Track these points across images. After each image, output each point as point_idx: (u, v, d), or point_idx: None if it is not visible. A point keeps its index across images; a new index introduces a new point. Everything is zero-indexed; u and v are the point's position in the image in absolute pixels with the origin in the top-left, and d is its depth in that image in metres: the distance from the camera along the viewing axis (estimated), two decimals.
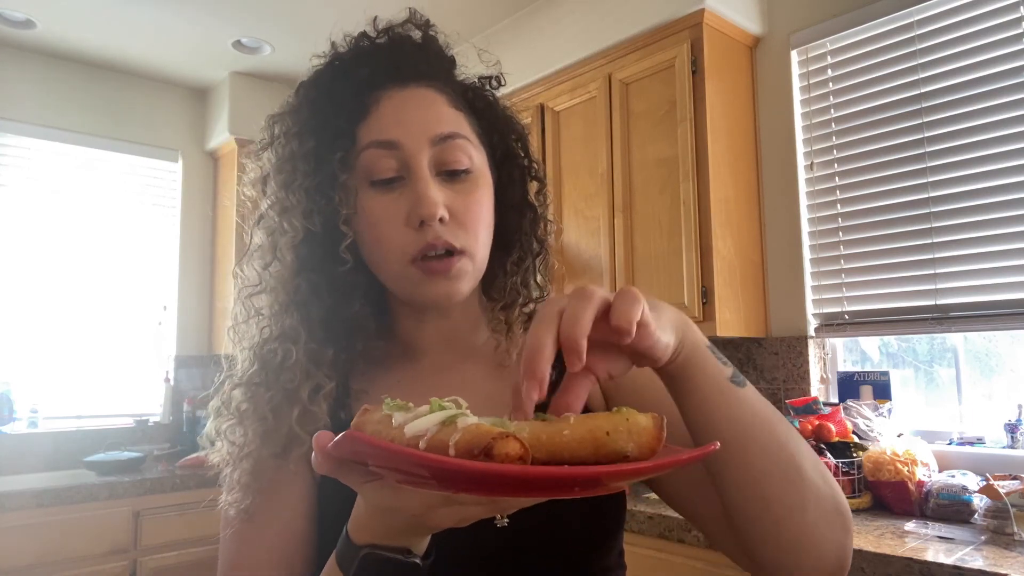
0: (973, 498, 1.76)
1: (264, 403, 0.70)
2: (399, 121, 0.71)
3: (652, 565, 1.89)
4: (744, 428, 0.58)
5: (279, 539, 0.70)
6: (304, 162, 0.72)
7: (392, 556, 0.52)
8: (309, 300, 0.72)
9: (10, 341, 3.17)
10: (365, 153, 0.71)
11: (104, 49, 3.31)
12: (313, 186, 0.71)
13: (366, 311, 0.76)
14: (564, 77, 2.68)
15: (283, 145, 0.74)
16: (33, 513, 2.50)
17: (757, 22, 2.46)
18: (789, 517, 0.59)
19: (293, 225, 0.71)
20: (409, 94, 0.73)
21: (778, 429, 0.60)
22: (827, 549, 0.60)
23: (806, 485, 0.59)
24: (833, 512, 0.60)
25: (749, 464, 0.58)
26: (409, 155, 0.70)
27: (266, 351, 0.72)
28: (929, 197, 2.09)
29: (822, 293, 2.32)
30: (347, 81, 0.74)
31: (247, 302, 0.75)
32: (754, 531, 0.60)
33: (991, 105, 1.99)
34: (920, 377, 2.24)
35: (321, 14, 2.96)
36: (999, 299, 1.95)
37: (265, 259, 0.74)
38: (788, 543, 0.59)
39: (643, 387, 0.73)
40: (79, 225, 3.38)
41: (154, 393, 3.53)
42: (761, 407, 0.60)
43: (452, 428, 0.42)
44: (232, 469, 0.72)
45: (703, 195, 2.24)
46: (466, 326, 0.79)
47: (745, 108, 2.45)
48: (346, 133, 0.72)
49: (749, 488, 0.59)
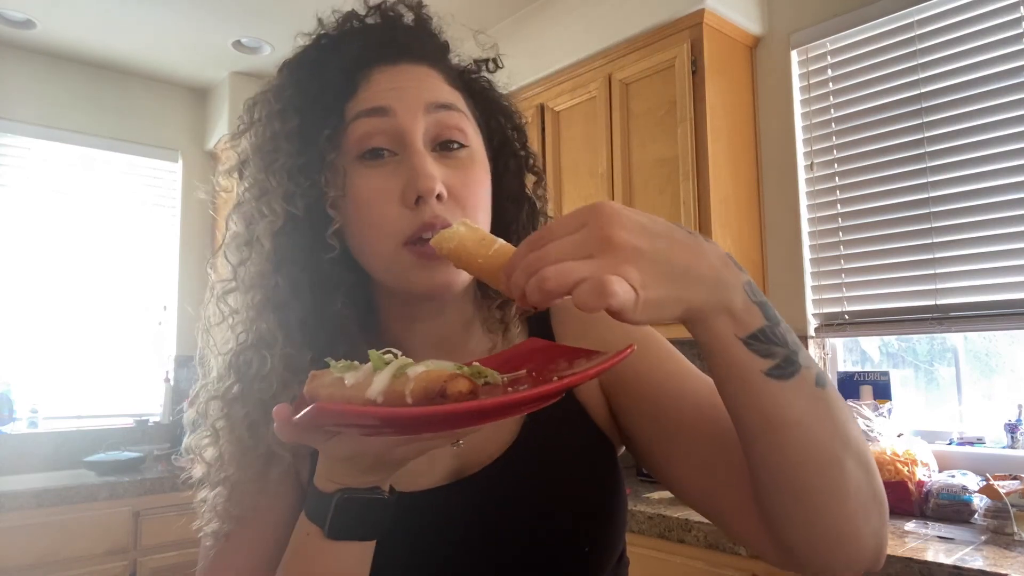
0: (973, 498, 1.76)
1: (240, 421, 0.66)
2: (391, 90, 0.66)
3: (652, 565, 1.89)
4: (775, 422, 0.52)
5: (256, 566, 0.67)
6: (287, 141, 0.66)
7: (363, 495, 0.55)
8: (287, 298, 0.66)
9: (10, 341, 3.17)
10: (354, 124, 0.65)
11: (104, 49, 3.31)
12: (296, 167, 0.65)
13: (349, 310, 0.70)
14: (564, 77, 2.68)
15: (264, 125, 0.68)
16: (33, 513, 2.50)
17: (757, 22, 2.46)
18: (826, 507, 0.54)
19: (272, 209, 0.65)
20: (402, 68, 0.68)
21: (822, 424, 0.52)
22: (866, 540, 0.55)
23: (846, 476, 0.53)
24: (872, 502, 0.55)
25: (783, 454, 0.53)
26: (402, 123, 0.64)
27: (241, 361, 0.67)
28: (929, 197, 2.09)
29: (822, 293, 2.32)
30: (336, 57, 0.69)
31: (221, 300, 0.69)
32: (788, 520, 0.56)
33: (991, 105, 1.99)
34: (920, 377, 2.24)
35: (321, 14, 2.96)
36: (999, 299, 1.95)
37: (241, 251, 0.68)
38: (825, 533, 0.55)
39: (644, 374, 0.69)
40: (79, 225, 3.38)
41: (154, 393, 3.53)
42: (804, 402, 0.52)
43: (404, 378, 0.45)
44: (209, 492, 0.68)
45: (703, 195, 2.24)
46: (459, 326, 0.73)
47: (745, 108, 2.45)
48: (333, 110, 0.66)
49: (783, 476, 0.54)
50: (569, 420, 0.72)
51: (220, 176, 0.75)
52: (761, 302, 0.52)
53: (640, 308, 0.45)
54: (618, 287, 0.43)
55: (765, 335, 0.51)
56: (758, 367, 0.51)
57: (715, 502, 0.64)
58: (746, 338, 0.50)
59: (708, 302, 0.49)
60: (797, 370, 0.52)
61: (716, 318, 0.50)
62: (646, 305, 0.45)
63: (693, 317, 0.49)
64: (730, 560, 1.74)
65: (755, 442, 0.54)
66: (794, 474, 0.53)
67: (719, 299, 0.49)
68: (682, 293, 0.47)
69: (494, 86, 0.78)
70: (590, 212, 0.47)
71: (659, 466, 0.70)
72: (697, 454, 0.65)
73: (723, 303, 0.49)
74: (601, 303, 0.43)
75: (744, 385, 0.51)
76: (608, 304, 0.43)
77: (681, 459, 0.66)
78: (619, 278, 0.44)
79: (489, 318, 0.75)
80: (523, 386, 0.51)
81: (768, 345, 0.51)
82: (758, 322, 0.51)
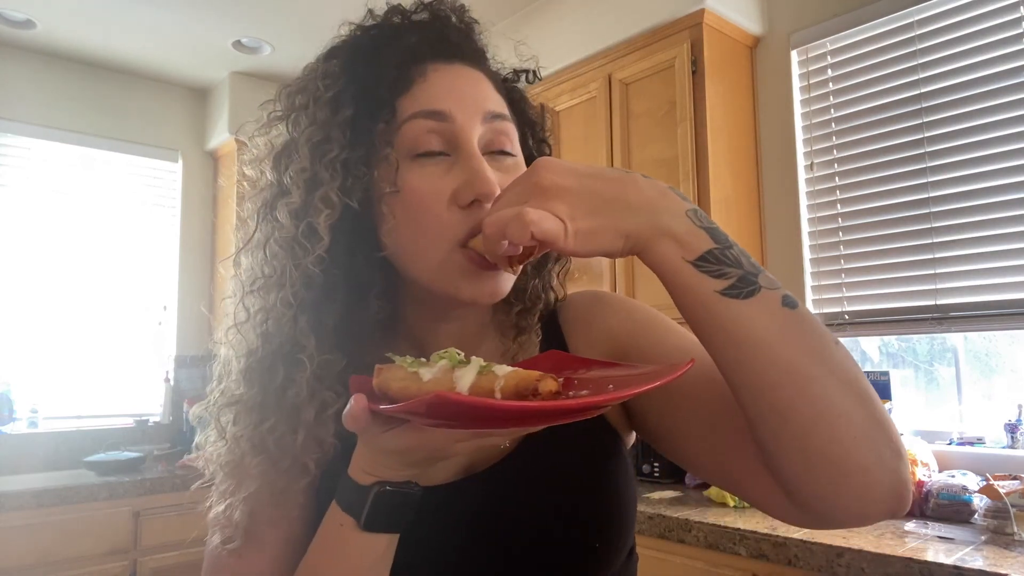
0: (973, 498, 1.76)
1: (265, 432, 0.63)
2: (450, 93, 0.65)
3: (652, 565, 1.89)
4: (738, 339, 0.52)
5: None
6: (340, 131, 0.64)
7: (401, 489, 0.57)
8: (323, 298, 0.64)
9: (10, 341, 3.17)
10: (409, 124, 0.63)
11: (104, 49, 3.31)
12: (352, 159, 0.63)
13: (380, 315, 0.68)
14: (564, 77, 2.68)
15: (312, 113, 0.65)
16: (33, 513, 2.50)
17: (757, 22, 2.46)
18: (815, 429, 0.51)
19: (329, 201, 0.62)
20: (458, 69, 0.67)
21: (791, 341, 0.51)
22: (876, 474, 0.50)
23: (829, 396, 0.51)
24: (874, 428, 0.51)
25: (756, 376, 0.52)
26: (460, 128, 0.63)
27: (265, 366, 0.64)
28: (929, 197, 2.09)
29: (822, 293, 2.32)
30: (391, 49, 0.67)
31: (248, 299, 0.66)
32: (780, 451, 0.53)
33: (991, 105, 1.99)
34: (920, 377, 2.24)
35: (321, 14, 2.96)
36: (999, 299, 1.95)
37: (281, 245, 0.64)
38: (823, 463, 0.51)
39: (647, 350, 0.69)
40: (79, 225, 3.38)
41: (154, 393, 3.53)
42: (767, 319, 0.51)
43: (491, 376, 0.48)
44: (227, 507, 0.66)
45: (703, 195, 2.24)
46: (477, 328, 0.74)
47: (745, 108, 2.45)
48: (387, 104, 0.64)
49: (764, 401, 0.52)
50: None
51: (246, 166, 0.71)
52: (709, 227, 0.53)
53: (571, 238, 0.50)
54: (537, 216, 0.49)
55: (715, 256, 0.52)
56: (710, 287, 0.52)
57: (726, 468, 0.63)
58: (695, 260, 0.52)
59: (644, 227, 0.52)
60: (756, 290, 0.52)
61: (658, 243, 0.52)
62: (576, 235, 0.50)
63: (636, 245, 0.52)
64: (730, 560, 1.74)
65: (724, 365, 0.54)
66: (773, 396, 0.52)
67: (656, 224, 0.52)
68: (613, 222, 0.51)
69: (527, 97, 0.78)
70: (528, 169, 0.53)
71: (670, 442, 0.69)
72: (705, 425, 0.64)
73: (662, 228, 0.52)
74: (524, 233, 0.49)
75: (700, 307, 0.53)
76: (532, 232, 0.49)
77: (689, 430, 0.65)
78: (543, 211, 0.49)
79: (504, 322, 0.75)
80: (583, 391, 0.53)
81: (719, 266, 0.52)
82: (705, 245, 0.52)
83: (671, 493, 2.19)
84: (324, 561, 0.59)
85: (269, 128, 0.68)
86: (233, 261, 0.69)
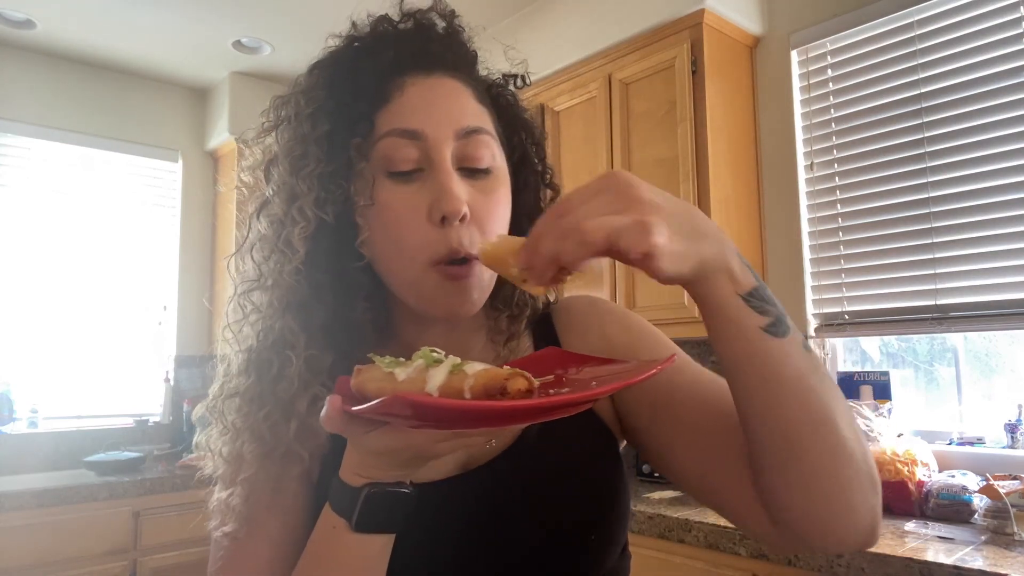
0: (973, 498, 1.76)
1: (260, 420, 0.66)
2: (424, 110, 0.66)
3: (652, 565, 1.89)
4: (773, 377, 0.54)
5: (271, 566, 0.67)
6: (317, 146, 0.66)
7: (392, 489, 0.57)
8: (310, 301, 0.67)
9: (10, 341, 3.17)
10: (384, 141, 0.65)
11: (104, 49, 3.31)
12: (327, 173, 0.66)
13: (368, 316, 0.70)
14: (564, 77, 2.68)
15: (293, 127, 0.68)
16: (33, 513, 2.50)
17: (757, 22, 2.46)
18: (823, 468, 0.54)
19: (304, 214, 0.65)
20: (435, 82, 0.68)
21: (815, 382, 0.55)
22: (861, 514, 0.56)
23: (841, 437, 0.54)
24: (866, 472, 0.55)
25: (780, 411, 0.54)
26: (432, 147, 0.65)
27: (262, 359, 0.67)
28: (929, 197, 2.09)
29: (822, 293, 2.32)
30: (370, 63, 0.68)
31: (243, 299, 0.69)
32: (785, 486, 0.56)
33: (991, 105, 1.99)
34: (920, 377, 2.24)
35: (321, 14, 2.96)
36: (999, 299, 1.95)
37: (267, 252, 0.68)
38: (821, 499, 0.55)
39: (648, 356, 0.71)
40: (79, 225, 3.38)
41: (154, 393, 3.53)
42: (797, 359, 0.55)
43: (461, 375, 0.46)
44: (226, 493, 0.68)
45: (703, 195, 2.24)
46: (468, 334, 0.76)
47: (745, 108, 2.45)
48: (365, 118, 0.67)
49: (780, 434, 0.55)
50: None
51: (243, 172, 0.74)
52: (749, 266, 0.55)
53: (665, 259, 0.48)
54: (659, 228, 0.47)
55: (759, 294, 0.54)
56: (756, 323, 0.54)
57: (711, 482, 0.65)
58: (744, 295, 0.54)
59: (716, 259, 0.52)
60: (788, 330, 0.55)
61: (719, 276, 0.53)
62: (672, 256, 0.49)
63: (701, 274, 0.52)
64: (730, 560, 1.74)
65: (753, 399, 0.56)
66: (791, 431, 0.54)
67: (723, 257, 0.53)
68: (698, 248, 0.51)
69: (519, 101, 0.79)
70: (609, 178, 0.50)
71: (656, 451, 0.71)
72: (692, 434, 0.67)
73: (725, 261, 0.53)
74: (645, 244, 0.46)
75: (744, 341, 0.54)
76: (652, 245, 0.46)
77: (676, 440, 0.68)
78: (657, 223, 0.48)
79: (495, 328, 0.76)
80: (564, 389, 0.52)
81: (763, 303, 0.54)
82: (752, 282, 0.54)
83: (671, 493, 2.19)
84: (319, 563, 0.59)
85: (262, 137, 0.72)
86: (228, 261, 0.72)
